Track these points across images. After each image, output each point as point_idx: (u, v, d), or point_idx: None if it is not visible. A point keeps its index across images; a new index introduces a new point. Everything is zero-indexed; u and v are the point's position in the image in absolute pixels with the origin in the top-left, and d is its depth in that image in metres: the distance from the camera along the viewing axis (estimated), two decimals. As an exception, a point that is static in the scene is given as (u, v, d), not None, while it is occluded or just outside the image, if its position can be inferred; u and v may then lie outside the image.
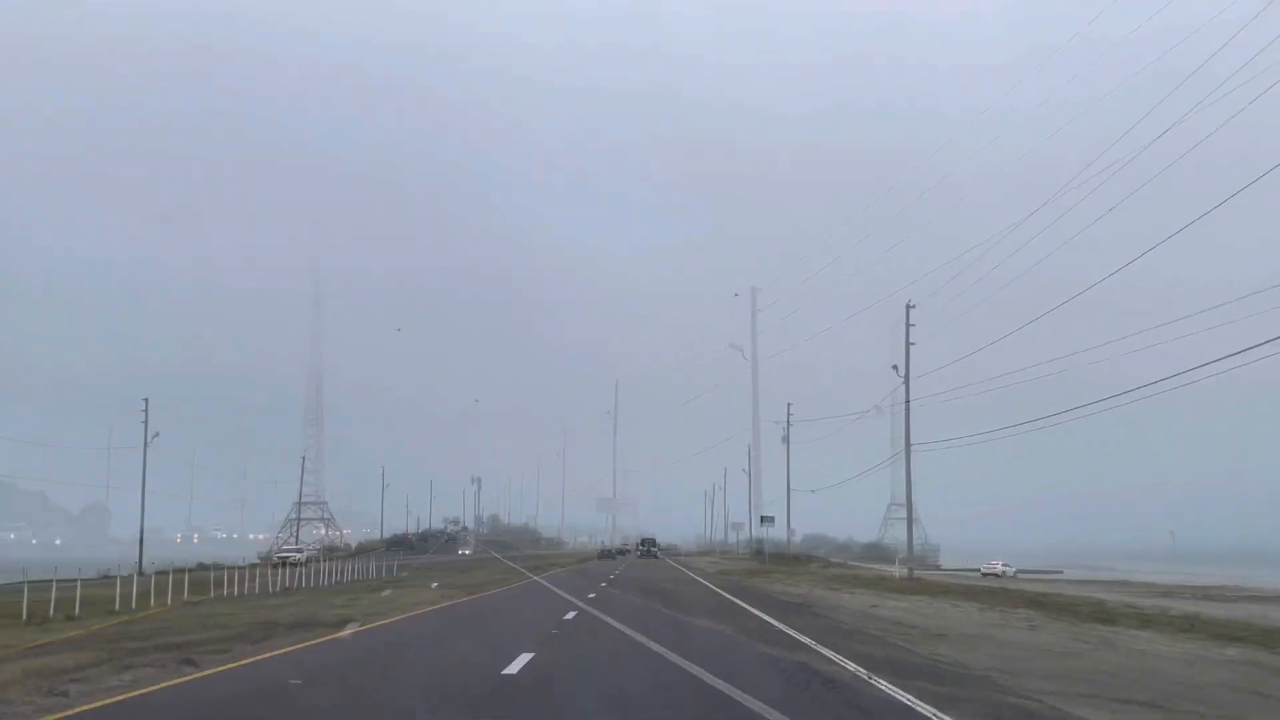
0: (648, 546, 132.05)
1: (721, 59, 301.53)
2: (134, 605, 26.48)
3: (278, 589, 40.03)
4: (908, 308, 52.34)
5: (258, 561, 74.43)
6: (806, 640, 17.11)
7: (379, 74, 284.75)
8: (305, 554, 64.18)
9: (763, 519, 68.22)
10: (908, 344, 52.20)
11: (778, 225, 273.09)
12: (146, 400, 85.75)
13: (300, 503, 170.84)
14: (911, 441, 52.66)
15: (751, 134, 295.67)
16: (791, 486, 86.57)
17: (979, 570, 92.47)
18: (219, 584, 37.40)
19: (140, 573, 57.71)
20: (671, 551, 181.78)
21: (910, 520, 51.92)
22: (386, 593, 34.81)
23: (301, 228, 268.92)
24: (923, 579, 47.26)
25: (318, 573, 48.49)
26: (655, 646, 15.84)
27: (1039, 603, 28.32)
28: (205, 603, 31.10)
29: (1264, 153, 27.63)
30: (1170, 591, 44.94)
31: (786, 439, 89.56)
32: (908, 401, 51.95)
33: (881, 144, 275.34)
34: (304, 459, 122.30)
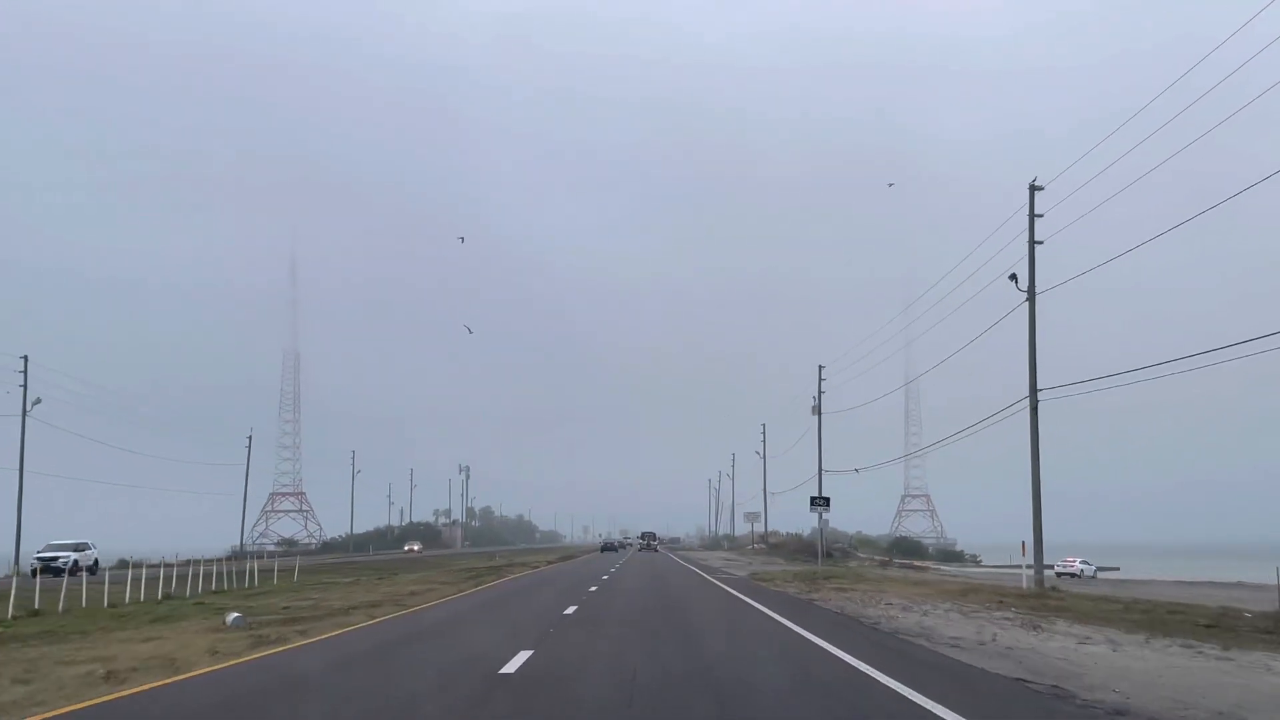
0: (648, 540, 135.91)
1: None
2: None
3: (19, 613, 24.02)
4: (1032, 189, 35.24)
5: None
6: None
7: (373, 77, 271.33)
8: (92, 554, 46.05)
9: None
10: (1031, 243, 35.06)
11: (777, 223, 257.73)
12: (25, 358, 70.19)
13: (274, 492, 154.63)
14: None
15: (749, 134, 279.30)
16: (816, 471, 69.55)
17: (1051, 569, 76.26)
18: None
19: (17, 572, 44.40)
20: (674, 545, 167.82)
21: (1038, 509, 34.66)
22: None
23: (308, 228, 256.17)
24: (1076, 592, 30.45)
25: (127, 582, 31.41)
26: None
27: None
28: None
29: None
30: None
31: (818, 409, 72.26)
32: (1032, 323, 34.83)
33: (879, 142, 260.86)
34: (250, 438, 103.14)
